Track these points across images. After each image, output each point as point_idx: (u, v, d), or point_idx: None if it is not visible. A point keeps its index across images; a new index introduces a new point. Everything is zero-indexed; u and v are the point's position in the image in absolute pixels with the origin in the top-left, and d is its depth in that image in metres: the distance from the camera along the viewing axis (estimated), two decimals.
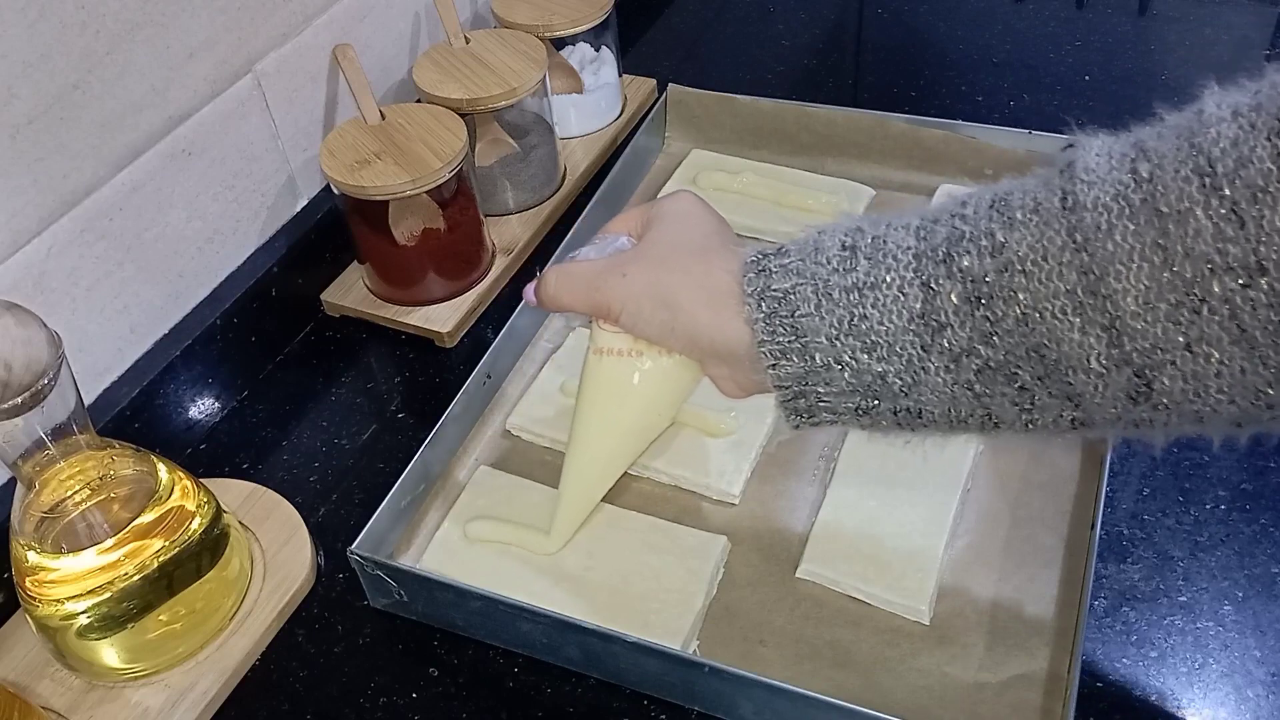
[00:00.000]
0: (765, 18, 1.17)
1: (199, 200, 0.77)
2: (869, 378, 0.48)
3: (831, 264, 0.48)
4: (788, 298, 0.49)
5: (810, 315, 0.48)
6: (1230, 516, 0.66)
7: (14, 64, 0.62)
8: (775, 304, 0.49)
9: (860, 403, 0.49)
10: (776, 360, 0.49)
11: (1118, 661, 0.60)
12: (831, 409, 0.50)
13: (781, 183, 0.91)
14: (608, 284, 0.55)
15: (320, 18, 0.83)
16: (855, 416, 0.50)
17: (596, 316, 0.58)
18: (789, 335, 0.49)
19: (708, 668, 0.57)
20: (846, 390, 0.49)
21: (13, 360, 0.50)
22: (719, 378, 0.55)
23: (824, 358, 0.48)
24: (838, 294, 0.48)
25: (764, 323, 0.49)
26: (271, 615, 0.65)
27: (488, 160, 0.90)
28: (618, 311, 0.55)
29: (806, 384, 0.49)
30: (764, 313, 0.50)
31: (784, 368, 0.49)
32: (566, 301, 0.57)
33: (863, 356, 0.47)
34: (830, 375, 0.48)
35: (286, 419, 0.79)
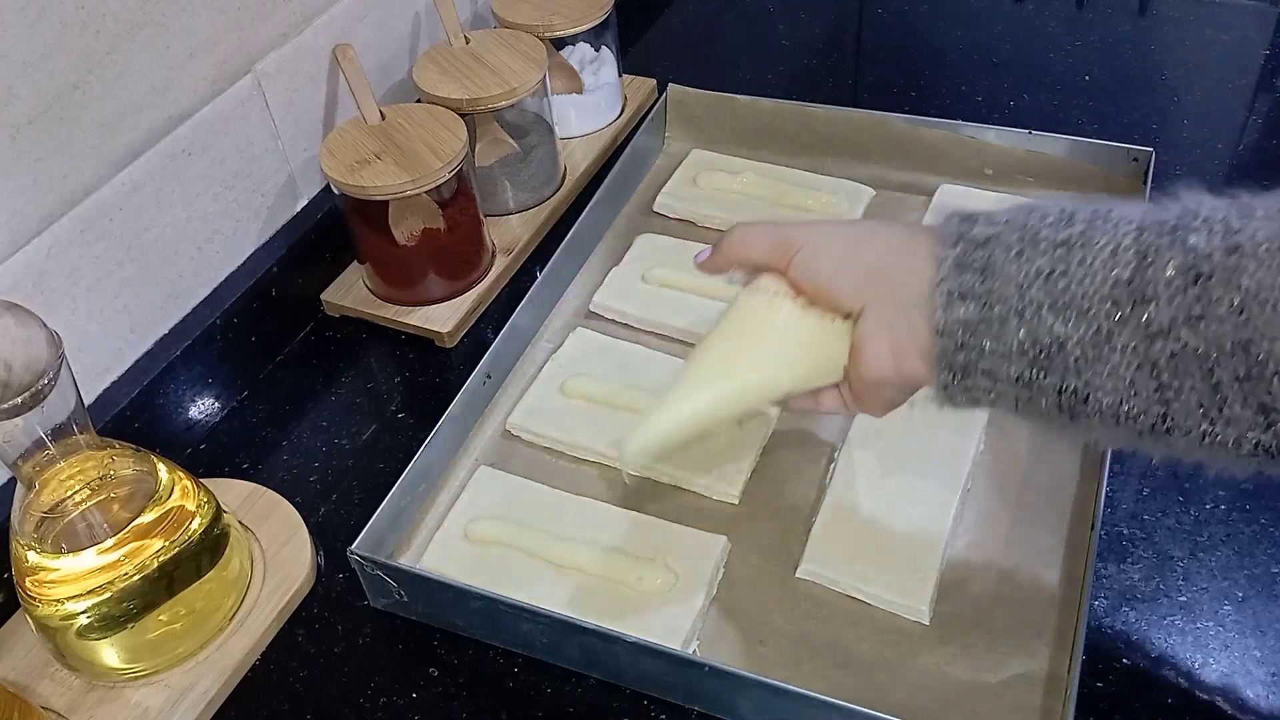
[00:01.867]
0: (765, 18, 1.17)
1: (199, 200, 0.77)
2: (1046, 340, 0.46)
3: (1047, 219, 0.47)
4: (988, 242, 0.47)
5: (1007, 261, 0.46)
6: (1230, 516, 0.66)
7: (14, 64, 0.62)
8: (971, 246, 0.48)
9: (1025, 371, 0.47)
10: (950, 301, 0.48)
11: (1118, 661, 0.60)
12: (991, 374, 0.48)
13: (781, 183, 0.91)
14: (794, 227, 0.55)
15: (320, 18, 0.83)
16: (1013, 388, 0.48)
17: (773, 258, 0.55)
18: (975, 278, 0.47)
19: (708, 668, 0.57)
20: (1016, 352, 0.47)
21: (13, 360, 0.50)
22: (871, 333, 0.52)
23: (1003, 309, 0.46)
24: (1044, 245, 0.46)
25: (954, 261, 0.48)
26: (271, 615, 0.65)
27: (488, 160, 0.90)
28: (798, 247, 0.54)
29: (973, 335, 0.47)
30: (956, 251, 0.48)
31: (955, 310, 0.48)
32: (752, 240, 0.56)
33: (1047, 315, 0.45)
34: (1004, 330, 0.47)
35: (286, 419, 0.79)
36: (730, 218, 0.89)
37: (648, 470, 0.71)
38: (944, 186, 0.89)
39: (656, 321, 0.81)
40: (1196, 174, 0.90)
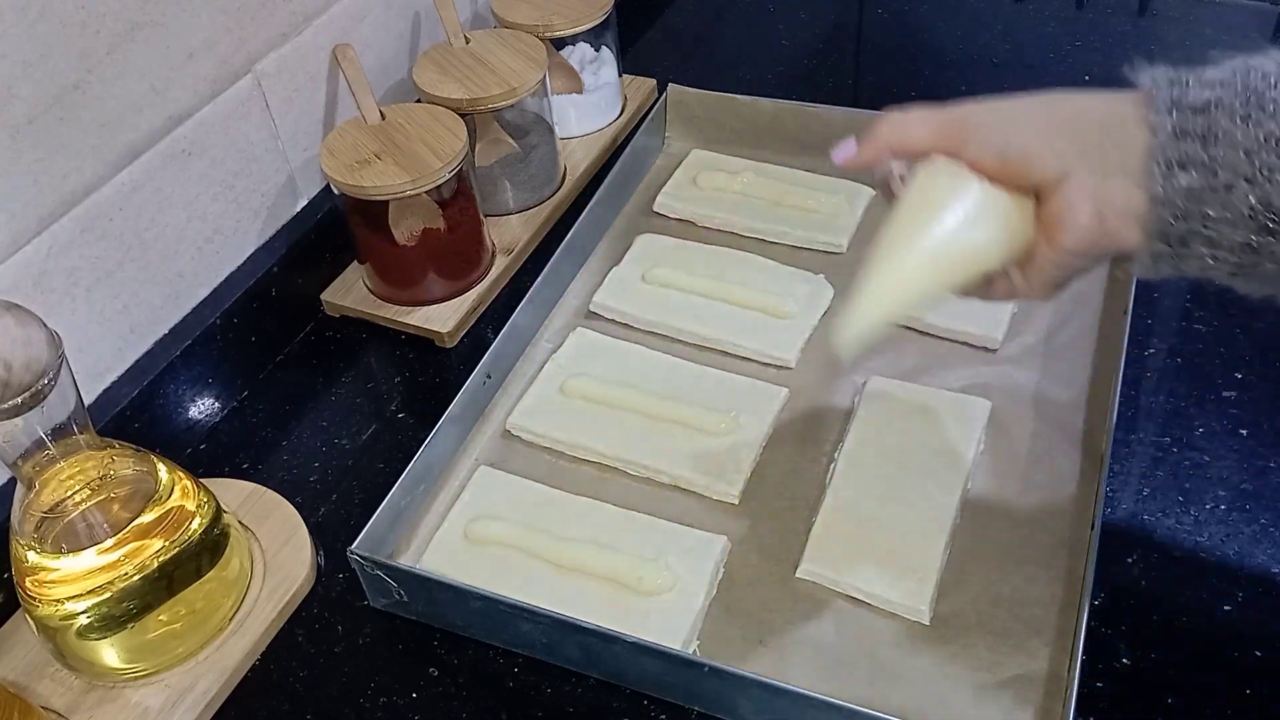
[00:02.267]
0: (765, 18, 1.17)
1: (199, 200, 0.77)
2: (1278, 205, 0.45)
3: (1270, 79, 0.45)
4: (1208, 107, 0.46)
5: (1232, 127, 0.45)
6: (1230, 516, 0.66)
7: (14, 64, 0.62)
8: (1191, 113, 0.46)
9: (1252, 238, 0.46)
10: (1169, 172, 0.46)
11: (1118, 661, 0.60)
12: (1214, 240, 0.47)
13: (781, 183, 0.91)
14: (956, 107, 0.52)
15: (320, 18, 0.83)
16: (1237, 254, 0.47)
17: (943, 143, 0.52)
18: (1198, 145, 0.46)
19: (708, 668, 0.57)
20: (1244, 218, 0.45)
21: (13, 360, 0.50)
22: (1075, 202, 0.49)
23: (1230, 175, 0.45)
24: (1272, 108, 0.45)
25: (1172, 128, 0.46)
26: (271, 615, 0.65)
27: (488, 160, 0.90)
28: (977, 126, 0.51)
29: (1197, 203, 0.46)
30: (1174, 119, 0.46)
31: (1176, 180, 0.46)
32: (914, 124, 0.53)
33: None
34: (1231, 197, 0.45)
35: (286, 419, 0.79)
36: (730, 218, 0.89)
37: (647, 470, 0.71)
38: None
39: (656, 321, 0.81)
40: None
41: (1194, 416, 0.72)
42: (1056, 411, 0.72)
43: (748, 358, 0.79)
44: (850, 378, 0.76)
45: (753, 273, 0.84)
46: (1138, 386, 0.73)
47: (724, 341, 0.79)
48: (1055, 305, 0.79)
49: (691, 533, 0.67)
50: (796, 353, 0.78)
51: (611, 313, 0.83)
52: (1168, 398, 0.73)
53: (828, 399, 0.75)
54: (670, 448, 0.71)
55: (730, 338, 0.79)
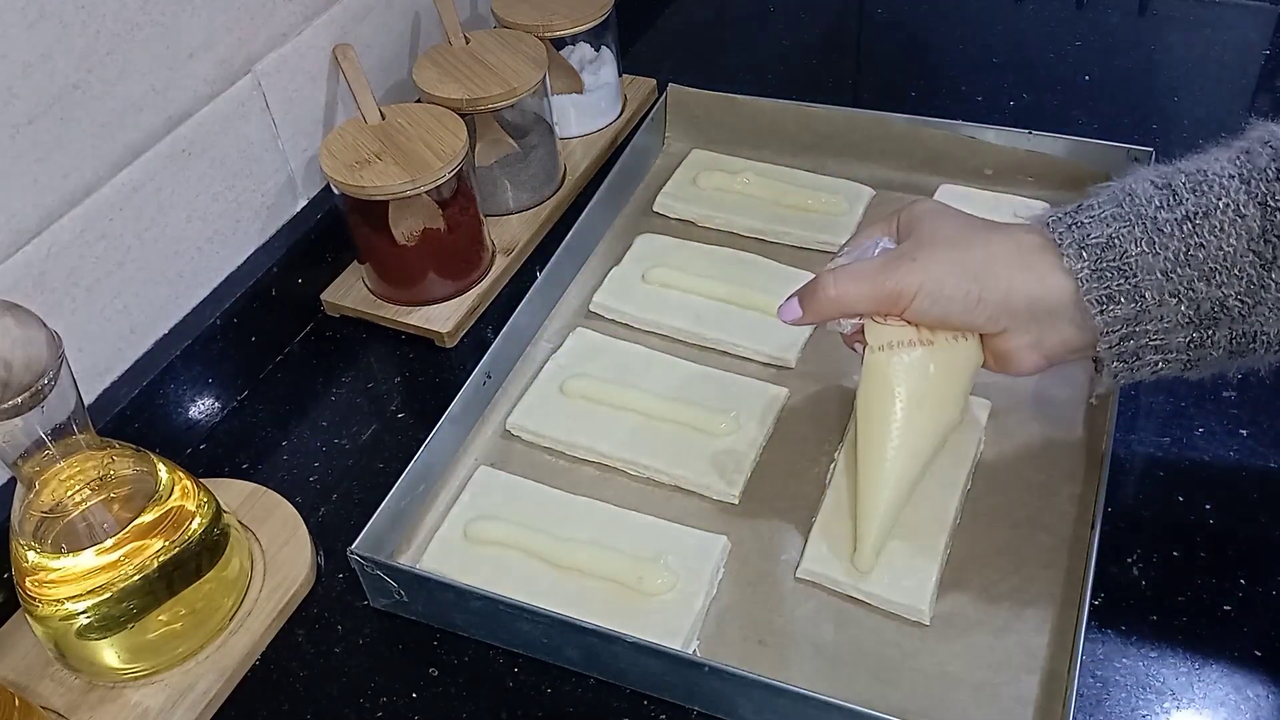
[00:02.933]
0: (765, 18, 1.17)
1: (199, 200, 0.77)
2: (1208, 305, 0.50)
3: (1154, 203, 0.50)
4: (1113, 242, 0.51)
5: (1142, 254, 0.50)
6: (1230, 516, 0.66)
7: (14, 64, 0.62)
8: (1099, 250, 0.51)
9: (1194, 335, 0.51)
10: (1104, 306, 0.51)
11: (1118, 661, 0.60)
12: (1161, 348, 0.52)
13: (782, 183, 0.91)
14: (899, 271, 0.55)
15: (320, 18, 0.83)
16: (1185, 351, 0.52)
17: (883, 310, 0.57)
18: (1118, 278, 0.50)
19: (708, 668, 0.57)
20: (1181, 324, 0.51)
21: (13, 360, 0.50)
22: (1018, 348, 0.55)
23: (1156, 294, 0.50)
24: (1169, 228, 0.49)
25: (1090, 270, 0.51)
26: (271, 615, 0.65)
27: (488, 160, 0.90)
28: (912, 295, 0.55)
29: (1137, 325, 0.51)
30: (1088, 260, 0.51)
31: (1112, 312, 0.51)
32: (853, 297, 0.56)
33: (1200, 285, 0.49)
34: (1164, 311, 0.51)
35: (286, 419, 0.79)
36: (730, 218, 0.89)
37: (647, 470, 0.71)
38: (944, 186, 0.89)
39: (656, 321, 0.81)
40: None
41: (1194, 416, 0.72)
42: (1056, 411, 0.72)
43: (748, 358, 0.79)
44: (850, 378, 0.76)
45: (753, 273, 0.84)
46: (1138, 386, 0.73)
47: (724, 341, 0.79)
48: None
49: (691, 533, 0.67)
50: (796, 353, 0.78)
51: (611, 313, 0.83)
52: (1168, 398, 0.73)
53: (828, 399, 0.75)
54: (670, 448, 0.71)
55: (730, 338, 0.79)
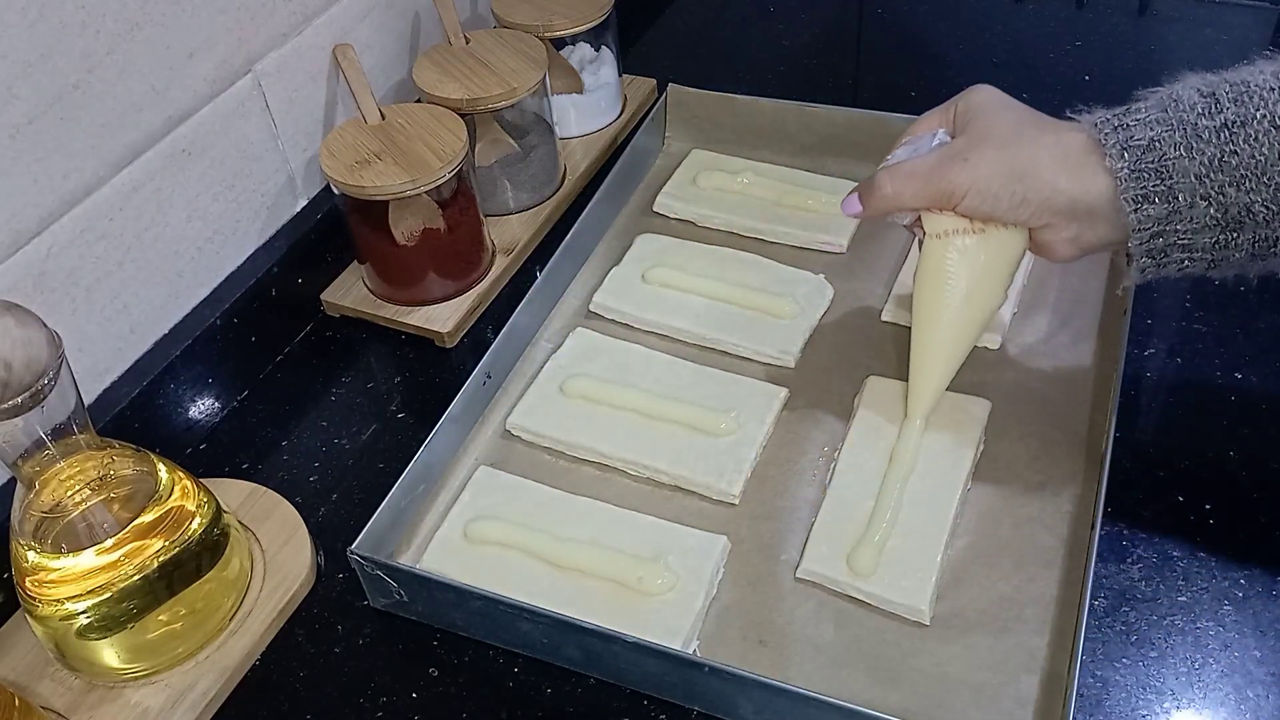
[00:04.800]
0: (765, 18, 1.17)
1: (199, 200, 0.77)
2: (1235, 210, 0.54)
3: (1196, 109, 0.54)
4: (1153, 145, 0.55)
5: (1179, 158, 0.54)
6: (1230, 516, 0.66)
7: (14, 64, 0.62)
8: (1140, 152, 0.55)
9: (1220, 237, 0.55)
10: (1139, 205, 0.56)
11: (1118, 661, 0.60)
12: (1188, 247, 0.56)
13: (782, 183, 0.91)
14: (950, 171, 0.60)
15: (320, 18, 0.83)
16: (1210, 252, 0.56)
17: (936, 206, 0.62)
18: (1154, 179, 0.55)
19: (708, 668, 0.57)
20: (1209, 225, 0.55)
21: (13, 360, 0.50)
22: (1058, 241, 0.61)
23: (1188, 197, 0.54)
24: (1207, 134, 0.53)
25: (1129, 170, 0.55)
26: (271, 615, 0.65)
27: (488, 160, 0.90)
28: (962, 194, 0.60)
29: (1167, 224, 0.56)
30: (1128, 161, 0.55)
31: (1146, 211, 0.55)
32: (908, 196, 0.62)
33: (1230, 190, 0.54)
34: (1194, 213, 0.55)
35: (286, 419, 0.79)
36: (730, 218, 0.89)
37: (647, 470, 0.71)
38: None
39: (656, 321, 0.81)
40: None
41: (1194, 416, 0.72)
42: (1056, 411, 0.72)
43: (748, 358, 0.79)
44: (850, 378, 0.76)
45: (753, 273, 0.84)
46: (1138, 387, 0.73)
47: (724, 341, 0.79)
48: (1055, 305, 0.79)
49: (691, 533, 0.67)
50: (796, 353, 0.78)
51: (611, 313, 0.83)
52: (1168, 398, 0.73)
53: (828, 399, 0.75)
54: (670, 448, 0.71)
55: (730, 338, 0.79)
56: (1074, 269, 0.82)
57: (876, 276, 0.84)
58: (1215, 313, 0.78)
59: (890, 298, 0.81)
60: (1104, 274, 0.81)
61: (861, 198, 0.64)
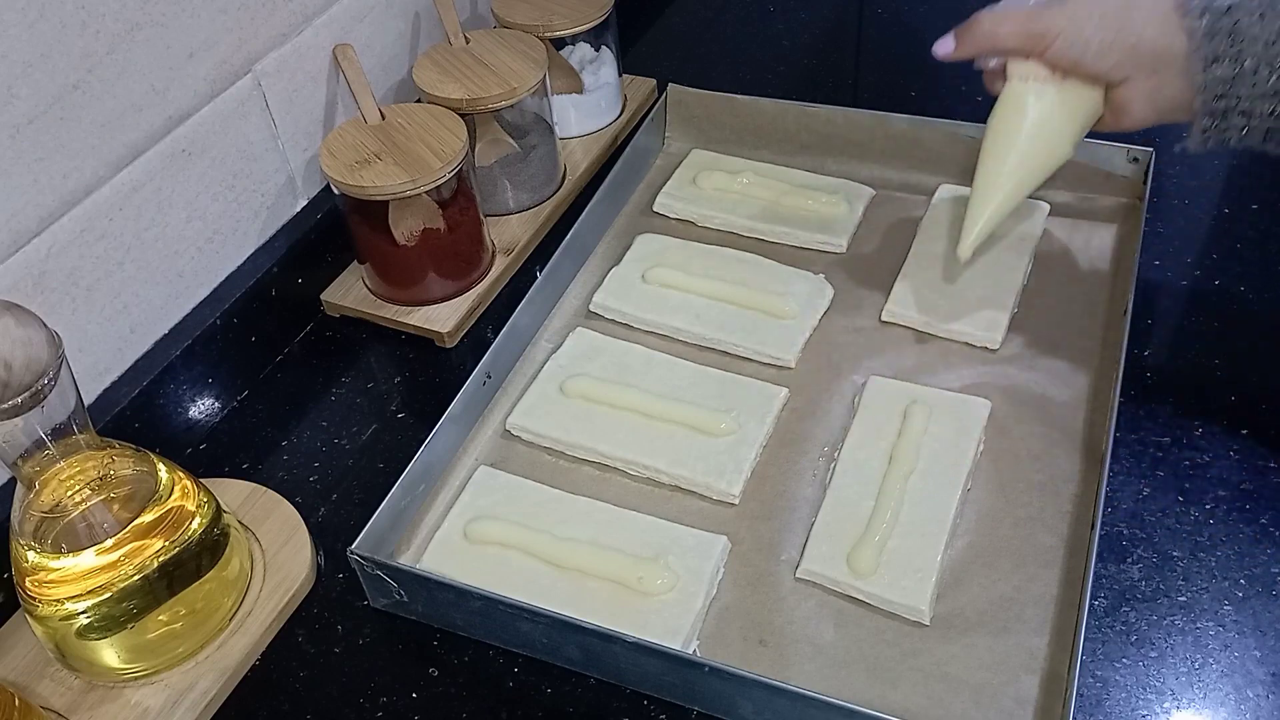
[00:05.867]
0: (765, 18, 1.17)
1: (199, 200, 0.77)
2: None
3: None
4: (1231, 10, 0.59)
5: (1253, 24, 0.58)
6: (1230, 516, 0.66)
7: (14, 64, 0.62)
8: (1218, 15, 0.59)
9: (1277, 107, 0.59)
10: (1209, 64, 0.60)
11: (1118, 661, 0.60)
12: (1247, 112, 0.60)
13: (782, 183, 0.91)
14: (1048, 14, 0.65)
15: (320, 18, 0.83)
16: (1265, 121, 0.60)
17: (1028, 48, 0.66)
18: (1225, 41, 0.59)
19: (708, 668, 0.57)
20: (1269, 94, 0.59)
21: (13, 360, 0.50)
22: (1136, 97, 0.64)
23: (1255, 62, 0.58)
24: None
25: (1206, 30, 0.59)
26: (271, 615, 0.65)
27: (488, 160, 0.90)
28: (1055, 36, 0.64)
29: (1231, 87, 0.60)
30: (1206, 22, 0.60)
31: (1215, 71, 0.60)
32: (1004, 34, 0.66)
33: None
34: (1257, 79, 0.59)
35: (286, 419, 0.79)
36: (730, 218, 0.89)
37: (647, 470, 0.71)
38: (944, 186, 0.89)
39: (656, 321, 0.81)
40: (1196, 174, 0.90)
41: (1194, 416, 0.72)
42: (1056, 411, 0.72)
43: (748, 358, 0.79)
44: (850, 378, 0.76)
45: (753, 273, 0.84)
46: (1138, 386, 0.73)
47: (724, 341, 0.79)
48: (1055, 305, 0.79)
49: (691, 533, 0.67)
50: (796, 353, 0.78)
51: (611, 313, 0.83)
52: (1168, 398, 0.73)
53: (828, 399, 0.75)
54: (670, 448, 0.71)
55: (730, 338, 0.79)
56: (1074, 268, 0.82)
57: (876, 276, 0.84)
58: (1215, 313, 0.78)
59: (890, 298, 0.81)
60: (1105, 274, 0.81)
61: (957, 35, 0.68)
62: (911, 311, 0.79)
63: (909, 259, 0.83)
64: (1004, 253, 0.82)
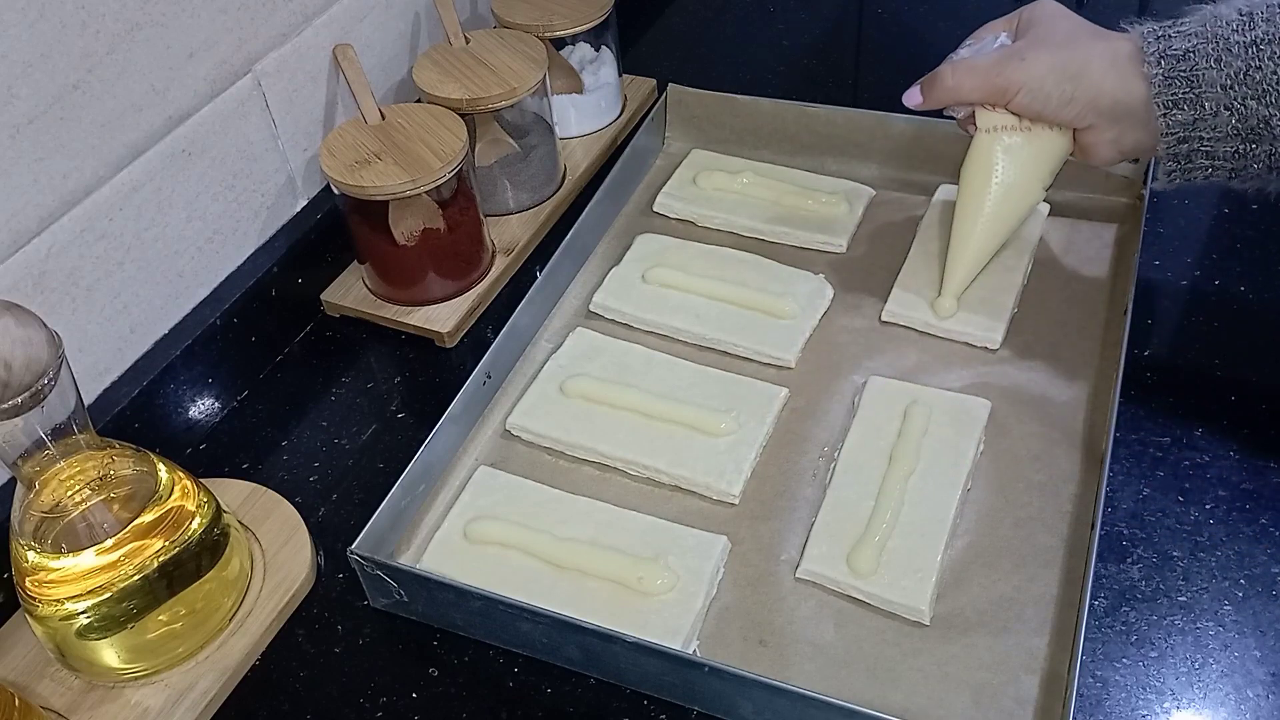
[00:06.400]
0: (765, 18, 1.17)
1: (199, 200, 0.77)
2: (1254, 122, 0.59)
3: (1231, 25, 0.59)
4: (1187, 55, 0.60)
5: (1209, 69, 0.59)
6: (1230, 516, 0.66)
7: (14, 64, 0.62)
8: (1175, 61, 0.60)
9: (1239, 147, 0.60)
10: (1168, 110, 0.61)
11: (1118, 661, 0.60)
12: (1210, 154, 0.61)
13: (781, 183, 0.91)
14: (1008, 68, 0.66)
15: (320, 18, 0.83)
16: (1230, 161, 0.61)
17: (991, 101, 0.68)
18: (1184, 87, 0.60)
19: (708, 668, 0.57)
20: (1230, 135, 0.60)
21: (13, 360, 0.50)
22: (1100, 143, 0.66)
23: (1214, 105, 0.59)
24: (1237, 49, 0.58)
25: (1162, 77, 0.61)
26: (271, 615, 0.65)
27: (488, 160, 0.90)
28: (1016, 90, 0.66)
29: (1193, 130, 0.61)
30: (1163, 69, 0.60)
31: (1174, 116, 0.61)
32: (967, 89, 0.67)
33: (1251, 103, 0.58)
34: (1217, 121, 0.60)
35: (286, 419, 0.79)
36: (730, 218, 0.89)
37: (647, 470, 0.71)
38: (944, 186, 0.89)
39: (656, 321, 0.81)
40: None
41: (1194, 416, 0.72)
42: (1056, 411, 0.72)
43: (748, 358, 0.79)
44: (850, 378, 0.76)
45: (753, 273, 0.84)
46: (1138, 386, 0.73)
47: (724, 341, 0.79)
48: (1055, 305, 0.79)
49: (691, 533, 0.67)
50: (796, 353, 0.78)
51: (611, 313, 0.83)
52: (1168, 398, 0.73)
53: (828, 399, 0.75)
54: (670, 448, 0.71)
55: (730, 338, 0.79)
56: (1074, 268, 0.82)
57: (876, 276, 0.84)
58: (1215, 313, 0.78)
59: (890, 298, 0.81)
60: (1104, 274, 0.81)
61: (923, 89, 0.70)
62: (911, 311, 0.79)
63: (909, 259, 0.83)
64: (1004, 253, 0.82)
